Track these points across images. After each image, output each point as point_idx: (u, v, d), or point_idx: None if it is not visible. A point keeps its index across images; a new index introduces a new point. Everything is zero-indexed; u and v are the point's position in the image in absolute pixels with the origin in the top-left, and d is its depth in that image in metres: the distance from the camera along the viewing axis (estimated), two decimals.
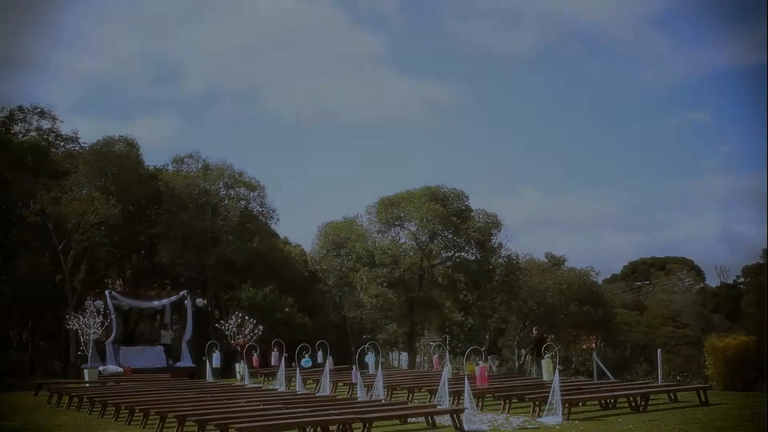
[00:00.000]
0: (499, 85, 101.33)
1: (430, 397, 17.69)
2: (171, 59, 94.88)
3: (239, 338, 28.80)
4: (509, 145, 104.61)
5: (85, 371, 25.79)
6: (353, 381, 20.00)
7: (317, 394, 19.29)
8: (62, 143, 37.62)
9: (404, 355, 44.61)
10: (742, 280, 60.28)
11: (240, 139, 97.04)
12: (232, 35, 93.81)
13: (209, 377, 26.74)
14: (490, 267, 36.26)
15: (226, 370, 29.47)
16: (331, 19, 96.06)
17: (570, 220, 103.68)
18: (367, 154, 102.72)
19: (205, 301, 34.54)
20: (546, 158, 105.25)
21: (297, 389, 21.35)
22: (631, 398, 16.66)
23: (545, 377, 20.92)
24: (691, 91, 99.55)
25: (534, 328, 29.58)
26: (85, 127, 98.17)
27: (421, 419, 15.03)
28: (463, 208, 35.91)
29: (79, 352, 29.18)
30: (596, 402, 17.05)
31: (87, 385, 23.92)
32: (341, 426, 13.08)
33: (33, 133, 36.11)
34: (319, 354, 25.87)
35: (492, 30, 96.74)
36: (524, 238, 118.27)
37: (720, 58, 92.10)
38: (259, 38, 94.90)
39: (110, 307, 29.70)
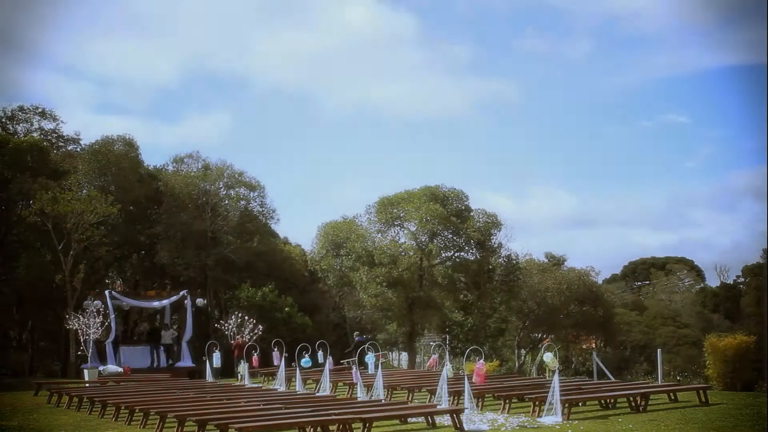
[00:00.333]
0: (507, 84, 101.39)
1: (430, 397, 17.70)
2: (236, 60, 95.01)
3: (238, 338, 28.86)
4: (509, 145, 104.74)
5: (85, 371, 25.79)
6: (353, 381, 20.01)
7: (317, 394, 19.30)
8: (63, 144, 37.67)
9: (404, 355, 44.61)
10: (742, 280, 60.31)
11: (264, 139, 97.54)
12: (300, 40, 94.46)
13: (209, 377, 26.74)
14: (490, 267, 36.22)
15: (226, 370, 29.49)
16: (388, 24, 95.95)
17: (570, 219, 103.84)
18: (390, 152, 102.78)
19: (205, 301, 34.53)
20: (545, 158, 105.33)
21: (297, 389, 21.37)
22: (631, 398, 16.66)
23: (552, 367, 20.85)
24: (670, 92, 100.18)
25: None
26: (137, 128, 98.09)
27: (421, 419, 15.03)
28: (463, 208, 35.85)
29: (79, 352, 29.18)
30: (596, 402, 17.06)
31: (87, 385, 23.92)
32: (341, 426, 13.09)
33: (35, 134, 36.15)
34: (319, 354, 25.88)
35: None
36: (525, 238, 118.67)
37: (694, 59, 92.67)
38: (321, 43, 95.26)
39: (110, 307, 29.73)
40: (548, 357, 20.83)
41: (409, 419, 15.13)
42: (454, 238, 35.52)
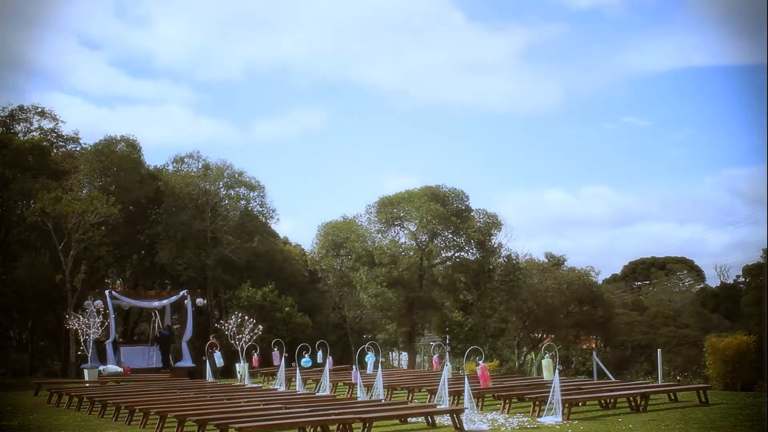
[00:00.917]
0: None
1: (430, 397, 17.71)
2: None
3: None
4: (503, 144, 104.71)
5: (85, 371, 25.79)
6: (353, 381, 20.01)
7: (317, 394, 19.30)
8: (63, 143, 37.69)
9: (404, 355, 44.61)
10: (742, 280, 60.27)
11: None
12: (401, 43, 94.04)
13: (209, 377, 26.74)
14: (490, 267, 36.23)
15: (226, 370, 29.49)
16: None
17: (570, 219, 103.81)
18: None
19: (204, 301, 34.53)
20: (543, 157, 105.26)
21: (297, 389, 21.37)
22: (631, 398, 16.67)
23: (546, 377, 20.88)
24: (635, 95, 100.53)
25: None
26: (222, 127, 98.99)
27: (421, 419, 15.04)
28: (463, 208, 35.89)
29: (79, 352, 29.19)
30: (596, 402, 17.06)
31: (87, 385, 23.93)
32: (341, 426, 13.09)
33: (34, 133, 36.19)
34: (319, 354, 25.90)
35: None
36: (524, 238, 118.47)
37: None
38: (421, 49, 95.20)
39: (110, 307, 29.74)
40: (546, 363, 20.84)
41: (409, 419, 15.13)
42: (454, 238, 35.55)
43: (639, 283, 70.01)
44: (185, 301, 32.42)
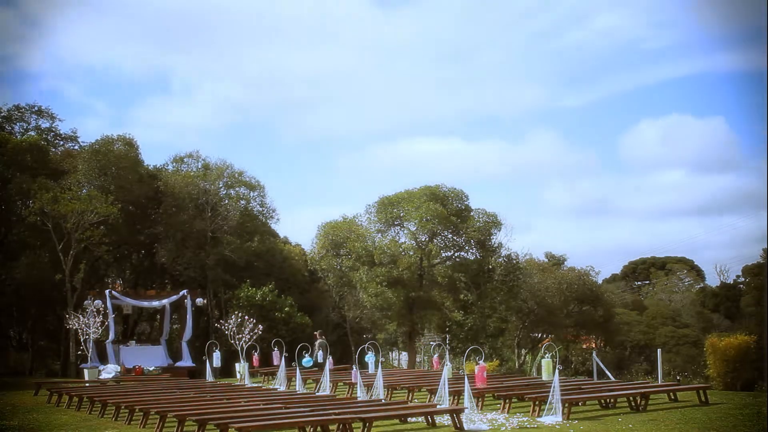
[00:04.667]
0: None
1: (430, 397, 17.71)
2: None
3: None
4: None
5: (85, 371, 25.79)
6: (353, 381, 20.01)
7: (317, 394, 19.29)
8: (61, 142, 37.68)
9: (404, 355, 44.58)
10: (742, 279, 60.26)
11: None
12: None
13: (209, 377, 26.73)
14: (490, 267, 36.18)
15: (225, 370, 29.49)
16: None
17: (569, 218, 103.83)
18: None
19: (204, 301, 34.53)
20: (542, 155, 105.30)
21: (297, 389, 21.36)
22: (631, 398, 16.67)
23: (545, 377, 20.85)
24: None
25: None
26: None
27: (421, 419, 15.03)
28: (463, 207, 35.82)
29: (79, 352, 29.17)
30: (596, 402, 17.06)
31: (87, 384, 23.92)
32: (341, 426, 13.08)
33: (32, 132, 36.17)
34: (319, 354, 25.89)
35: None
36: (524, 236, 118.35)
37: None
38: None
39: (110, 307, 29.72)
40: (545, 363, 20.80)
41: (409, 419, 15.13)
42: (454, 237, 35.50)
43: (639, 282, 70.01)
44: (185, 301, 32.42)
